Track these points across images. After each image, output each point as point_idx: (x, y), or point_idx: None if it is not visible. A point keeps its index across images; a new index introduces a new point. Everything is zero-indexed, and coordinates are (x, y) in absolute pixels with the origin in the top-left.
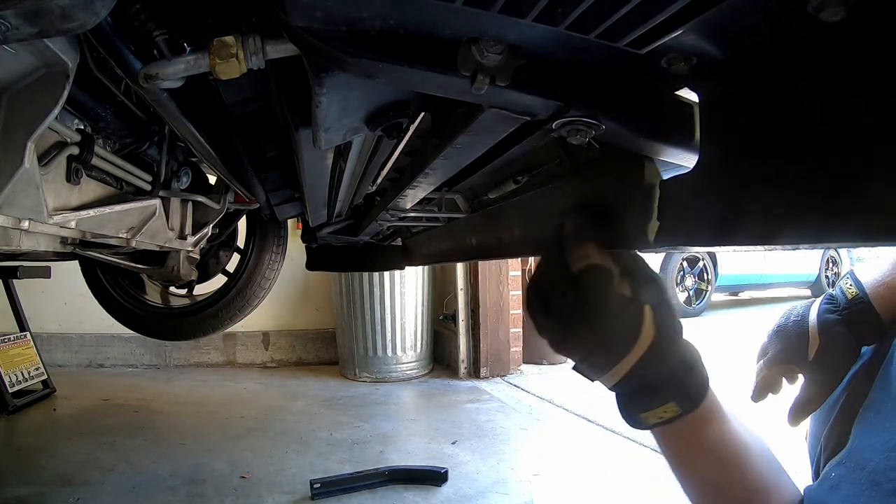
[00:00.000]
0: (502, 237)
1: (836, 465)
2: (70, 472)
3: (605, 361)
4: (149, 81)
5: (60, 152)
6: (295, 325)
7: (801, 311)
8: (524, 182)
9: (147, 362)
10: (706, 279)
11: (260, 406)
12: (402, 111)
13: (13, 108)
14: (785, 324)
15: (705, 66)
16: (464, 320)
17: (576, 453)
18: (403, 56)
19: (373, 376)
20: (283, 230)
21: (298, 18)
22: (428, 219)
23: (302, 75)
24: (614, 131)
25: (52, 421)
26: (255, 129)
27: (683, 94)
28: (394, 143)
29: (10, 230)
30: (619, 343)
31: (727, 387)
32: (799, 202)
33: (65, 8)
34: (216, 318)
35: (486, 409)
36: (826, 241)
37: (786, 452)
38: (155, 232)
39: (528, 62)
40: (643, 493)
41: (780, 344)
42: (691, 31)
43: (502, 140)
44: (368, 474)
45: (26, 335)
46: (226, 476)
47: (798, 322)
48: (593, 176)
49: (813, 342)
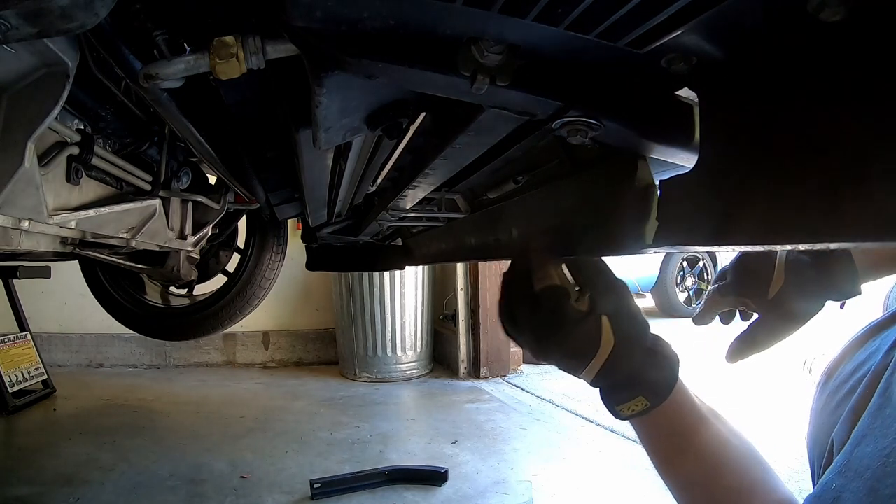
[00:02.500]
0: (501, 237)
1: (836, 475)
2: (70, 472)
3: (575, 366)
4: (149, 81)
5: (60, 152)
6: (295, 325)
7: None
8: (524, 182)
9: (147, 362)
10: (706, 279)
11: (260, 406)
12: (402, 111)
13: (13, 108)
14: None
15: (705, 66)
16: (464, 320)
17: (576, 453)
18: (403, 56)
19: (373, 376)
20: (283, 230)
21: (298, 18)
22: (428, 219)
23: (302, 75)
24: (614, 131)
25: (52, 421)
26: (255, 129)
27: (683, 94)
28: (394, 143)
29: (10, 230)
30: (582, 353)
31: (726, 386)
32: (798, 202)
33: (65, 8)
34: (216, 318)
35: (486, 409)
36: (826, 241)
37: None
38: (155, 232)
39: (528, 62)
40: (643, 493)
41: (740, 274)
42: (691, 31)
43: (502, 140)
44: (368, 474)
45: (26, 335)
46: (226, 476)
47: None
48: (593, 176)
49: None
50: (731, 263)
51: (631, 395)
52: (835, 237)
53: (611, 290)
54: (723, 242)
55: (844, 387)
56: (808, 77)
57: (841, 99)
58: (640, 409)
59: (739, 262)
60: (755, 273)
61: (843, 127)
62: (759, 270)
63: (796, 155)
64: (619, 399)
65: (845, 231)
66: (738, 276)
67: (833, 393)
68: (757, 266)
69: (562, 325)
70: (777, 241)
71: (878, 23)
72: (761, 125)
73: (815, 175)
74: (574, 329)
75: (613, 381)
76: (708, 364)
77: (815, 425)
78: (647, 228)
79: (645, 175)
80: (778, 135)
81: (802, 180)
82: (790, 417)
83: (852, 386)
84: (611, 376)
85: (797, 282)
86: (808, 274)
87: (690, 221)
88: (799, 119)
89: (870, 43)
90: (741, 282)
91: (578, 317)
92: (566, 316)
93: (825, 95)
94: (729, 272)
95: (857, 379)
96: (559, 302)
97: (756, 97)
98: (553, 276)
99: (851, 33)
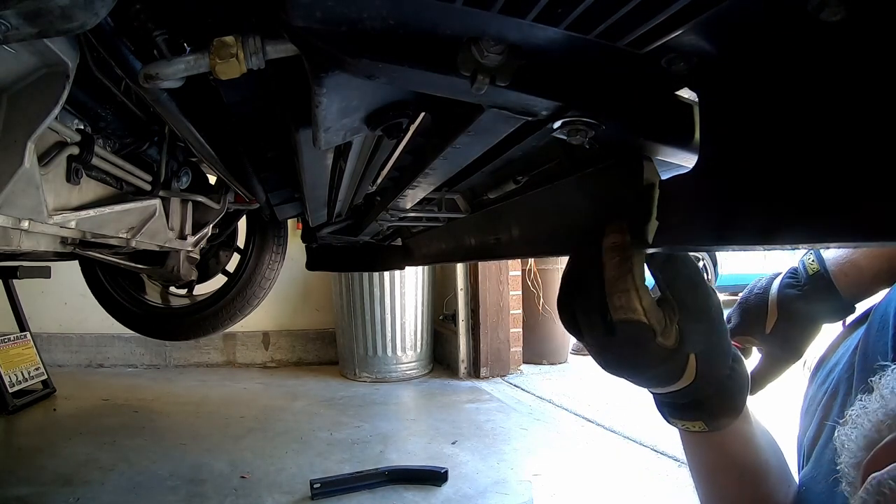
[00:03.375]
0: (501, 237)
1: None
2: (70, 472)
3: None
4: (149, 81)
5: (60, 152)
6: (295, 325)
7: (764, 283)
8: (524, 182)
9: (147, 362)
10: (706, 279)
11: (260, 406)
12: (402, 111)
13: (13, 108)
14: (747, 296)
15: (705, 66)
16: (464, 320)
17: (575, 453)
18: (403, 56)
19: (373, 376)
20: (283, 230)
21: (298, 18)
22: (428, 219)
23: (302, 75)
24: (614, 131)
25: (52, 421)
26: (255, 129)
27: (683, 94)
28: (394, 143)
29: (10, 230)
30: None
31: None
32: (799, 202)
33: (65, 8)
34: (216, 318)
35: (486, 409)
36: (826, 241)
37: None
38: (155, 232)
39: (528, 62)
40: (643, 493)
41: (741, 316)
42: (691, 31)
43: (502, 140)
44: (368, 474)
45: (26, 335)
46: (226, 476)
47: (759, 295)
48: (593, 176)
49: (771, 315)
50: (733, 308)
51: (690, 418)
52: (835, 237)
53: (704, 318)
54: (723, 242)
55: (825, 383)
56: (808, 77)
57: (841, 99)
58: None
59: (739, 305)
60: (753, 312)
61: (843, 127)
62: (756, 309)
63: (796, 154)
64: (677, 416)
65: (845, 231)
66: (739, 317)
67: (819, 385)
68: (754, 305)
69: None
70: (777, 241)
71: (878, 23)
72: (761, 125)
73: (816, 175)
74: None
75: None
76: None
77: (803, 417)
78: (649, 228)
79: (651, 175)
80: (778, 134)
81: (802, 180)
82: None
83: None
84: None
85: (788, 314)
86: (796, 305)
87: (690, 221)
88: (799, 119)
89: (870, 43)
90: (742, 321)
91: (664, 355)
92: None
93: (825, 95)
94: (732, 316)
95: (833, 376)
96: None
97: (756, 97)
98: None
99: (851, 33)
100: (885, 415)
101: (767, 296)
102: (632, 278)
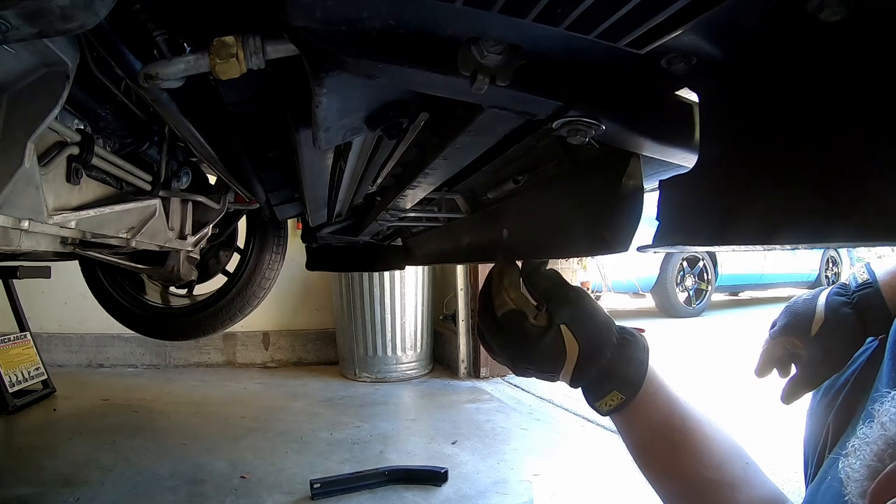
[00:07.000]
0: (501, 238)
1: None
2: (70, 472)
3: (549, 375)
4: (149, 81)
5: (60, 152)
6: (295, 325)
7: (814, 292)
8: (524, 182)
9: (147, 362)
10: (706, 279)
11: (260, 406)
12: (402, 111)
13: (13, 108)
14: (795, 301)
15: (705, 66)
16: (464, 320)
17: (576, 453)
18: (403, 56)
19: (373, 376)
20: (283, 230)
21: (298, 18)
22: (428, 219)
23: (302, 75)
24: (614, 131)
25: (52, 421)
26: (255, 129)
27: (683, 94)
28: (394, 143)
29: (10, 230)
30: (551, 362)
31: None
32: (798, 202)
33: (65, 8)
34: (216, 318)
35: (486, 408)
36: (826, 241)
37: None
38: (155, 232)
39: (528, 62)
40: (643, 493)
41: (787, 318)
42: (691, 31)
43: (502, 140)
44: (368, 474)
45: (26, 335)
46: (226, 476)
47: (807, 301)
48: (593, 176)
49: (818, 320)
50: (779, 315)
51: (606, 391)
52: (834, 237)
53: (565, 299)
54: (723, 242)
55: (831, 391)
56: (807, 77)
57: (841, 99)
58: (618, 403)
59: (786, 308)
60: (800, 314)
61: (843, 127)
62: (803, 312)
63: (796, 155)
64: (596, 396)
65: (845, 231)
66: (786, 318)
67: (826, 392)
68: (801, 309)
69: (525, 342)
70: (777, 241)
71: (878, 23)
72: (761, 125)
73: (815, 175)
74: (538, 344)
75: (588, 380)
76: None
77: (809, 425)
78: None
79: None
80: (778, 134)
81: (802, 180)
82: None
83: (837, 390)
84: (585, 376)
85: (835, 319)
86: (843, 310)
87: (690, 221)
88: (799, 119)
89: (869, 43)
90: (788, 323)
91: (539, 332)
92: (527, 334)
93: (825, 95)
94: (779, 318)
95: (840, 384)
96: (518, 323)
97: (756, 97)
98: (508, 302)
99: (851, 33)
100: (886, 443)
101: (815, 302)
102: (503, 284)
